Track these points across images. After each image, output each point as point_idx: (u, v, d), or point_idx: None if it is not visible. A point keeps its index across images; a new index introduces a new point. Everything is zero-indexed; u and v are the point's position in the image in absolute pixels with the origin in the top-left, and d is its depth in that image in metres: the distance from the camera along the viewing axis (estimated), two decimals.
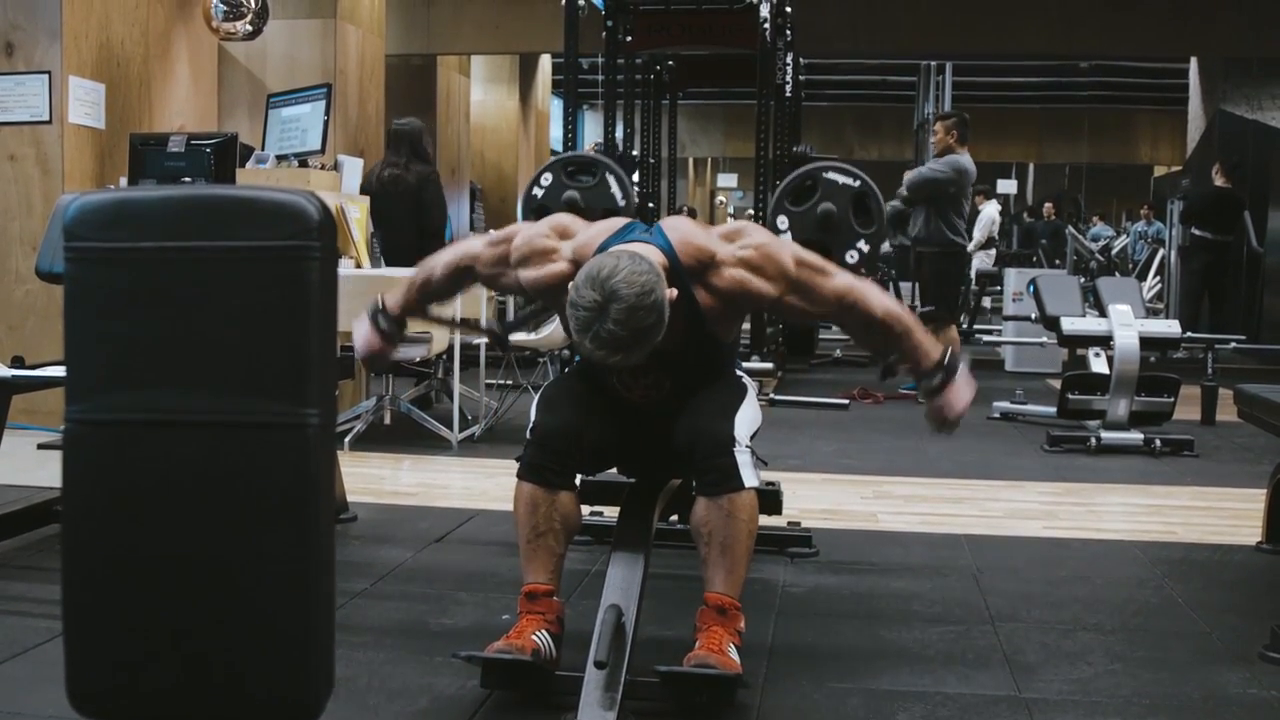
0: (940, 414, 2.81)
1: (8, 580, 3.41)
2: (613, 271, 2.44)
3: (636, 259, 2.49)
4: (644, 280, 2.44)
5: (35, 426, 5.46)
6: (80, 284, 1.22)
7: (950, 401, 2.78)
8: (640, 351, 2.49)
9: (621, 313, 2.42)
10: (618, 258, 2.49)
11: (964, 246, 8.04)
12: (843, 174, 3.65)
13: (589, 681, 2.45)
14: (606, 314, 2.42)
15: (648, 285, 2.44)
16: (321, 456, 1.18)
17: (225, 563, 1.19)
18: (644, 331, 2.45)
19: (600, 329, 2.43)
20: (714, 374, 2.86)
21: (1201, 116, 13.90)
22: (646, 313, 2.44)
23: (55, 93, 5.84)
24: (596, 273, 2.45)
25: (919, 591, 3.52)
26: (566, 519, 2.71)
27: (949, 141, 7.71)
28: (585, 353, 2.52)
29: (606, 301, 2.42)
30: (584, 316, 2.45)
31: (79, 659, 1.25)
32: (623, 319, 2.42)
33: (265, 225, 1.18)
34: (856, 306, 2.75)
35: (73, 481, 1.23)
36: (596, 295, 2.43)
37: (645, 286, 2.44)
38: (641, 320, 2.44)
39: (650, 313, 2.44)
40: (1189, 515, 4.69)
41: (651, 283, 2.45)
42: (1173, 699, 2.68)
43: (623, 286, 2.42)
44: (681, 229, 2.76)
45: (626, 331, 2.43)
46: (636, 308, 2.42)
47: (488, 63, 14.42)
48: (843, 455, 5.81)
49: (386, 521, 4.28)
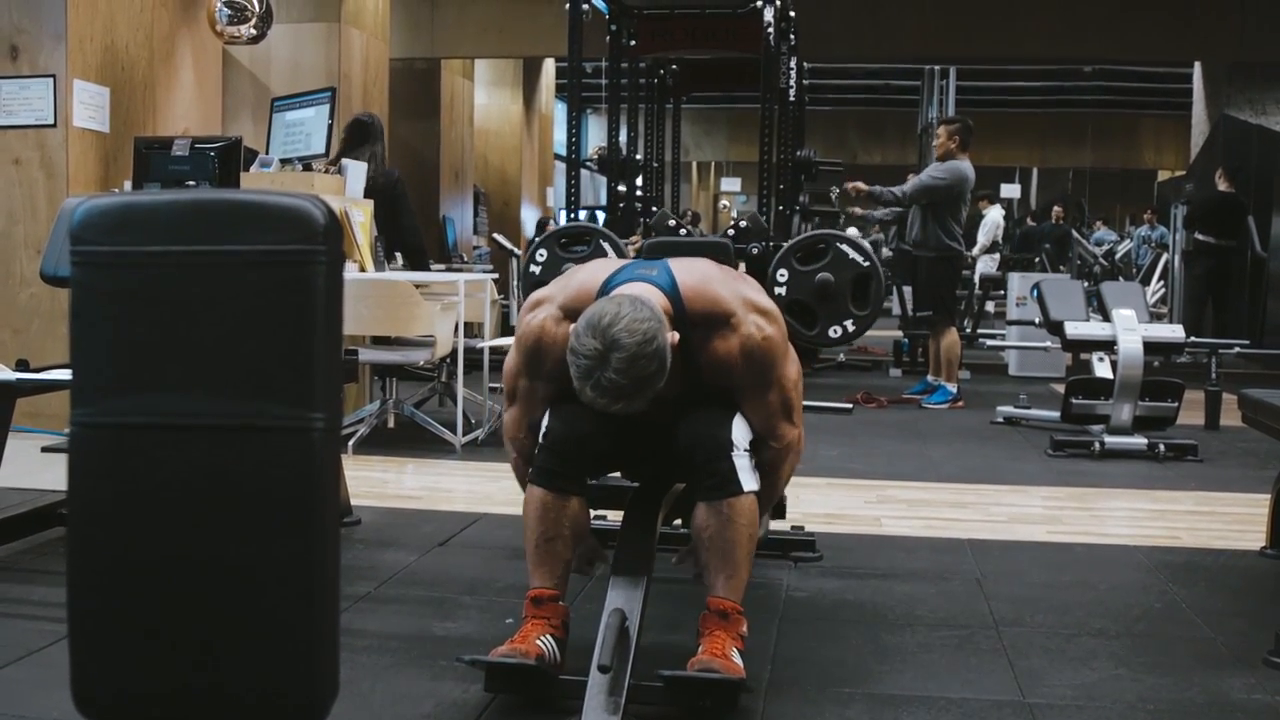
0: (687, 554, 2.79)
1: (11, 583, 3.42)
2: (614, 319, 2.42)
3: (638, 305, 2.46)
4: (645, 328, 2.42)
5: (39, 430, 5.46)
6: (86, 287, 1.22)
7: None
8: (641, 399, 2.48)
9: (623, 361, 2.40)
10: (619, 304, 2.46)
11: (960, 251, 8.05)
12: (856, 250, 3.70)
13: (593, 686, 2.45)
14: (608, 363, 2.40)
15: (649, 333, 2.42)
16: (327, 460, 1.18)
17: (230, 566, 1.19)
18: (645, 380, 2.44)
19: (601, 377, 2.42)
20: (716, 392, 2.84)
21: (1205, 121, 13.90)
22: (648, 361, 2.42)
23: (60, 96, 5.86)
24: (598, 320, 2.43)
25: (922, 596, 3.52)
26: (576, 524, 2.70)
27: (950, 146, 7.72)
28: (587, 400, 2.49)
29: (608, 350, 2.40)
30: (585, 365, 2.43)
31: (84, 662, 1.25)
32: (624, 368, 2.40)
33: (271, 230, 1.18)
34: (777, 457, 2.77)
35: (78, 485, 1.23)
36: (597, 344, 2.41)
37: (647, 335, 2.42)
38: (643, 369, 2.42)
39: (652, 360, 2.43)
40: (1193, 520, 4.69)
41: (654, 330, 2.43)
42: (1177, 704, 2.68)
43: (624, 335, 2.40)
44: (702, 275, 2.71)
45: (628, 380, 2.42)
46: (638, 356, 2.41)
47: (491, 66, 14.42)
48: (846, 460, 5.80)
49: (390, 525, 4.28)
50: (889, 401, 7.85)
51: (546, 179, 16.24)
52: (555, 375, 2.68)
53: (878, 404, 7.77)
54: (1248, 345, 7.98)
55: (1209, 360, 7.18)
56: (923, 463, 5.74)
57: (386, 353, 5.96)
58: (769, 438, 2.76)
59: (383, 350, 6.02)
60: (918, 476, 5.39)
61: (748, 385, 2.69)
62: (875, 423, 7.09)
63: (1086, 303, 6.81)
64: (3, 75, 5.91)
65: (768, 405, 2.72)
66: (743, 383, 2.69)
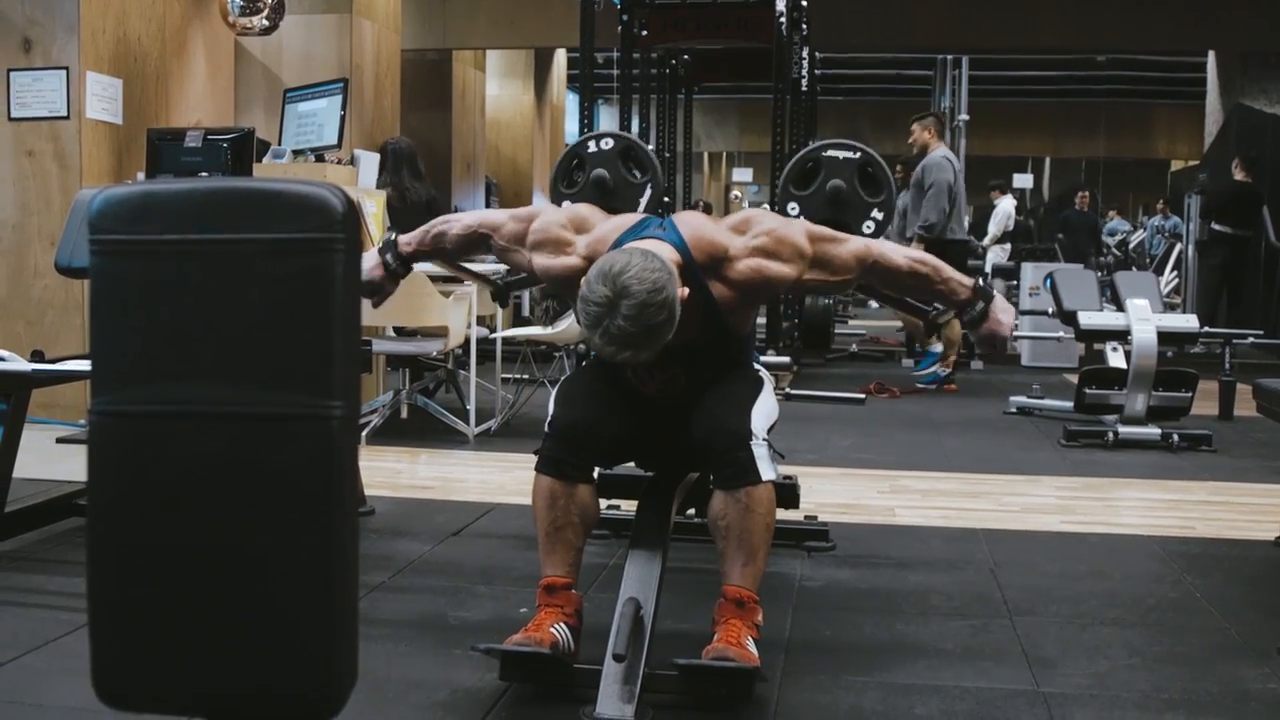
0: (990, 338, 2.92)
1: (28, 573, 3.43)
2: (624, 268, 2.45)
3: (649, 256, 2.49)
4: (655, 277, 2.45)
5: (55, 421, 5.49)
6: (105, 277, 1.23)
7: (999, 321, 2.90)
8: (651, 348, 2.50)
9: (632, 309, 2.42)
10: (630, 254, 2.50)
11: (964, 240, 8.14)
12: (842, 149, 3.65)
13: (607, 674, 2.46)
14: (617, 310, 2.43)
15: (659, 282, 2.45)
16: (345, 447, 1.18)
17: (249, 554, 1.19)
18: (654, 328, 2.46)
19: (610, 325, 2.44)
20: (730, 367, 2.87)
21: (1219, 111, 13.84)
22: (657, 309, 2.44)
23: (73, 88, 5.87)
24: (608, 269, 2.46)
25: (936, 585, 3.52)
26: (585, 512, 2.71)
27: (926, 138, 8.06)
28: (596, 348, 2.54)
29: (617, 298, 2.43)
30: (595, 312, 2.46)
31: (104, 650, 1.25)
32: (633, 315, 2.43)
33: (290, 218, 1.18)
34: (879, 263, 2.83)
35: (98, 473, 1.24)
36: (608, 291, 2.44)
37: (656, 284, 2.44)
38: (652, 317, 2.44)
39: (661, 309, 2.45)
40: (1207, 510, 4.68)
41: (663, 280, 2.46)
42: (1191, 694, 2.68)
43: (634, 283, 2.43)
44: (693, 225, 2.78)
45: (636, 328, 2.44)
46: (647, 304, 2.43)
47: (503, 57, 14.42)
48: (859, 450, 5.80)
49: (404, 515, 4.29)
50: (902, 392, 7.84)
51: None
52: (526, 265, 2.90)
53: (890, 394, 7.76)
54: (1262, 335, 7.96)
55: (1223, 350, 7.16)
56: (936, 453, 5.74)
57: (399, 344, 5.97)
58: (855, 273, 2.83)
59: (396, 341, 6.03)
60: (931, 466, 5.39)
61: (789, 275, 2.74)
62: (888, 413, 7.09)
63: (1100, 293, 6.79)
64: (16, 68, 5.92)
65: (820, 263, 2.78)
66: (785, 277, 2.74)
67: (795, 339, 8.52)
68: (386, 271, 3.09)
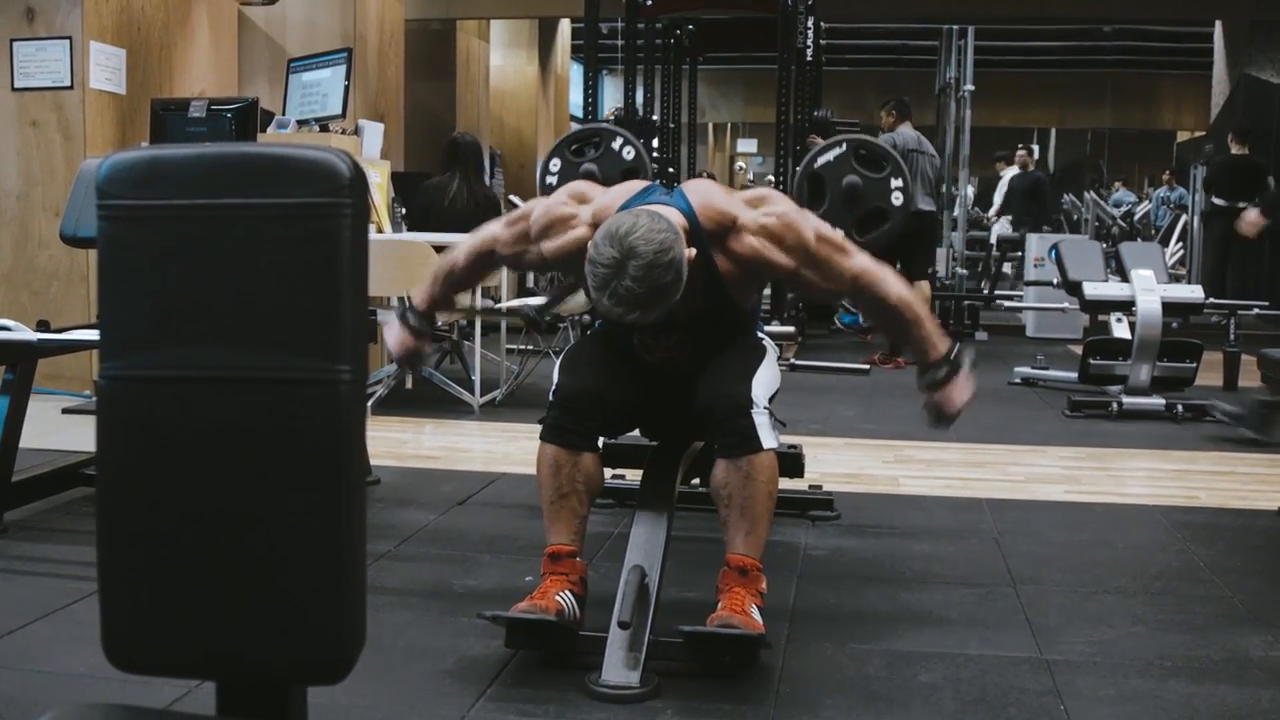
0: (939, 409, 2.81)
1: (35, 542, 3.45)
2: (631, 229, 2.45)
3: (655, 217, 2.49)
4: (662, 238, 2.45)
5: (60, 391, 5.50)
6: (113, 241, 1.23)
7: (950, 397, 2.78)
8: (658, 309, 2.50)
9: (640, 269, 2.43)
10: (637, 216, 2.49)
11: (930, 211, 8.22)
12: (827, 150, 3.62)
13: (613, 642, 2.47)
14: (624, 270, 2.43)
15: (666, 243, 2.45)
16: (354, 412, 1.18)
17: (259, 518, 1.20)
18: (662, 289, 2.46)
19: (618, 285, 2.44)
20: (734, 336, 2.87)
21: (1226, 81, 13.77)
22: (664, 270, 2.44)
23: (76, 58, 5.85)
24: (615, 230, 2.46)
25: (940, 554, 3.53)
26: (589, 480, 2.72)
27: (889, 121, 8.29)
28: (603, 310, 2.53)
29: (625, 258, 2.43)
30: (602, 273, 2.45)
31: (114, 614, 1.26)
32: (640, 276, 2.43)
33: (298, 182, 1.18)
34: (871, 288, 2.76)
35: (107, 438, 1.24)
36: (615, 252, 2.43)
37: (663, 244, 2.44)
38: (659, 278, 2.44)
39: (668, 270, 2.45)
40: (1211, 480, 4.69)
41: (670, 241, 2.46)
42: (1194, 661, 2.69)
43: (641, 244, 2.43)
44: (703, 192, 2.76)
45: (644, 288, 2.44)
46: (654, 265, 2.43)
47: (507, 27, 14.35)
48: (864, 419, 5.81)
49: (409, 485, 4.31)
50: (906, 362, 7.83)
51: None
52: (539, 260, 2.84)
53: (895, 365, 7.77)
54: (1267, 306, 7.95)
55: (1228, 321, 7.16)
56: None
57: None
58: (847, 288, 2.78)
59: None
60: (935, 436, 5.37)
61: (790, 260, 2.70)
62: (893, 383, 7.09)
63: (1105, 263, 6.78)
64: (19, 37, 5.90)
65: (818, 264, 2.72)
66: (785, 260, 2.70)
67: (800, 309, 8.52)
68: (415, 334, 2.99)
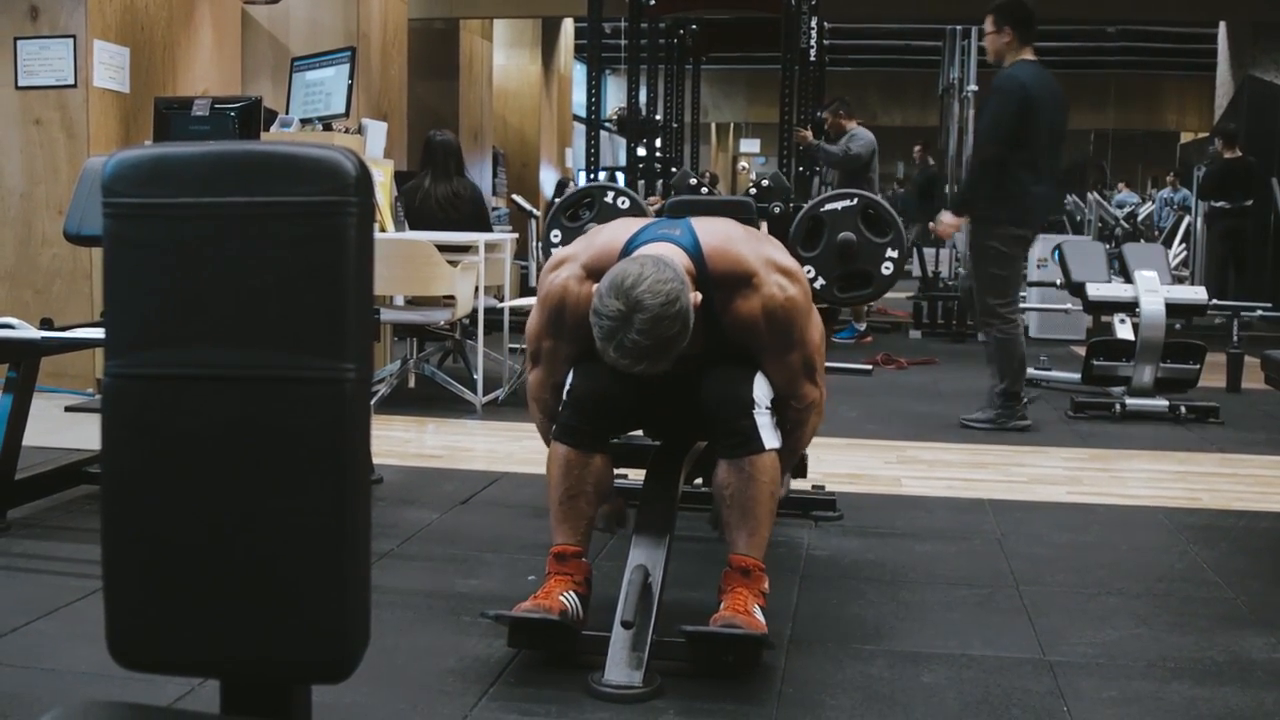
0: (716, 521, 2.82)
1: (38, 540, 3.45)
2: (637, 280, 2.41)
3: (661, 266, 2.45)
4: (669, 290, 2.41)
5: (63, 389, 5.50)
6: (119, 240, 1.23)
7: None
8: (665, 360, 2.48)
9: (646, 323, 2.40)
10: (642, 265, 2.45)
11: None
12: (838, 199, 3.63)
13: (616, 641, 2.47)
14: (630, 324, 2.40)
15: (672, 294, 2.42)
16: (359, 410, 1.18)
17: (263, 516, 1.20)
18: (669, 341, 2.44)
19: (624, 339, 2.42)
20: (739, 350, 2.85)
21: (1229, 82, 13.75)
22: (671, 322, 2.42)
23: (80, 56, 5.86)
24: (620, 281, 2.43)
25: (943, 555, 3.53)
26: (599, 482, 2.71)
27: (841, 123, 8.72)
28: (609, 361, 2.49)
29: (630, 311, 2.40)
30: (608, 325, 2.43)
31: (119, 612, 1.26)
32: (647, 329, 2.40)
33: (304, 181, 1.18)
34: (802, 415, 2.81)
35: (112, 436, 1.24)
36: (620, 305, 2.40)
37: (670, 295, 2.41)
38: (665, 330, 2.42)
39: (674, 322, 2.43)
40: (1214, 482, 4.68)
41: (676, 291, 2.43)
42: (1197, 662, 2.69)
43: (647, 296, 2.40)
44: (725, 235, 2.70)
45: (650, 340, 2.42)
46: (661, 317, 2.40)
47: (510, 27, 14.35)
48: (866, 420, 5.81)
49: (412, 484, 4.31)
50: (909, 363, 7.84)
51: (565, 140, 16.20)
52: (578, 335, 2.67)
53: (898, 365, 7.76)
54: (1270, 308, 7.93)
55: (1231, 322, 7.15)
56: (943, 423, 5.73)
57: (407, 313, 5.98)
58: (791, 398, 2.77)
59: (403, 310, 6.03)
60: (938, 437, 5.39)
61: (770, 345, 2.69)
62: (895, 384, 7.09)
63: (1108, 264, 6.78)
64: (23, 36, 5.90)
65: (790, 365, 2.72)
66: (765, 343, 2.69)
67: None
68: None
